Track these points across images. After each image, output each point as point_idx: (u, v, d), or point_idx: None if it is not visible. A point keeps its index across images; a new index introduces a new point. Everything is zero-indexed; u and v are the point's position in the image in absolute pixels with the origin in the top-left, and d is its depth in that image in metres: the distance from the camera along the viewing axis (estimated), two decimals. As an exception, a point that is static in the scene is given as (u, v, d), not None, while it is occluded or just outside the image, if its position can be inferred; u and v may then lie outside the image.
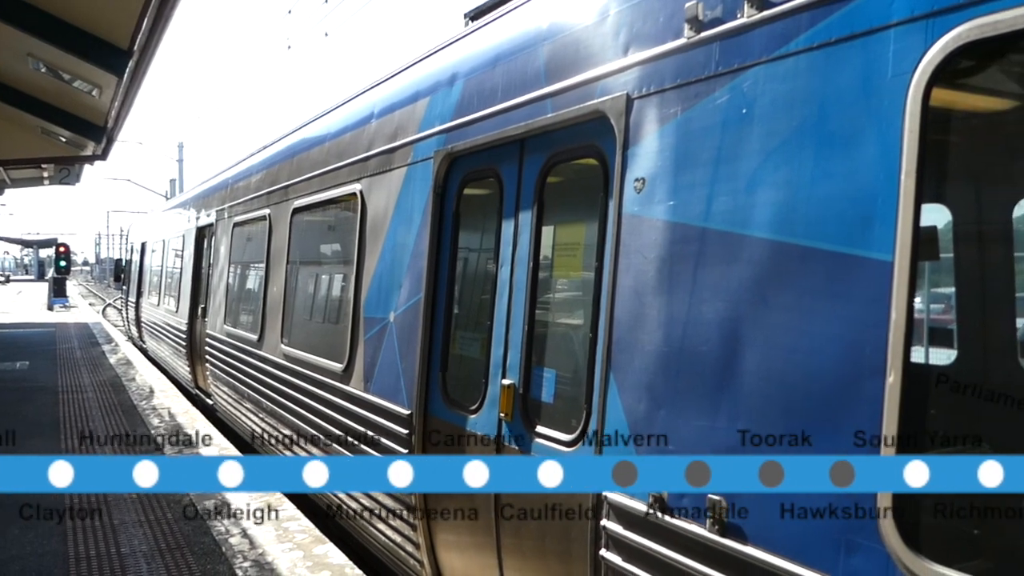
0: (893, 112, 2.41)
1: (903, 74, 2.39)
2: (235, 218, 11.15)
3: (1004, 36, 2.19)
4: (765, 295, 2.82)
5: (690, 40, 3.23)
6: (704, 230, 3.09)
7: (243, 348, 9.79)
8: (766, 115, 2.87)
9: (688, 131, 3.22)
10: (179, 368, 14.76)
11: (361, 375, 6.15)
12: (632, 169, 3.50)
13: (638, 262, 3.41)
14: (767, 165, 2.85)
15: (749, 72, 2.95)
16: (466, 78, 5.09)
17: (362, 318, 6.24)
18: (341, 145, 7.17)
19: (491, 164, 4.80)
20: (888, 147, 2.43)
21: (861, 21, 2.55)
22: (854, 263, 2.50)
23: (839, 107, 2.61)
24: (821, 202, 2.64)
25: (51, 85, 11.01)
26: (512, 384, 4.34)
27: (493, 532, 4.48)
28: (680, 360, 3.15)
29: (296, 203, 8.30)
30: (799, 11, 2.77)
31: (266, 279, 9.16)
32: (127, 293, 25.45)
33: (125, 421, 10.74)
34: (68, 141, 14.54)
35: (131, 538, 6.28)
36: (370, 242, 6.24)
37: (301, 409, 7.45)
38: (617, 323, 3.50)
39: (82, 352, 18.94)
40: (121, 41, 8.86)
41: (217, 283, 11.94)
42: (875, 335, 2.41)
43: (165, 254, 17.55)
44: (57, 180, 20.84)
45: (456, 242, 5.16)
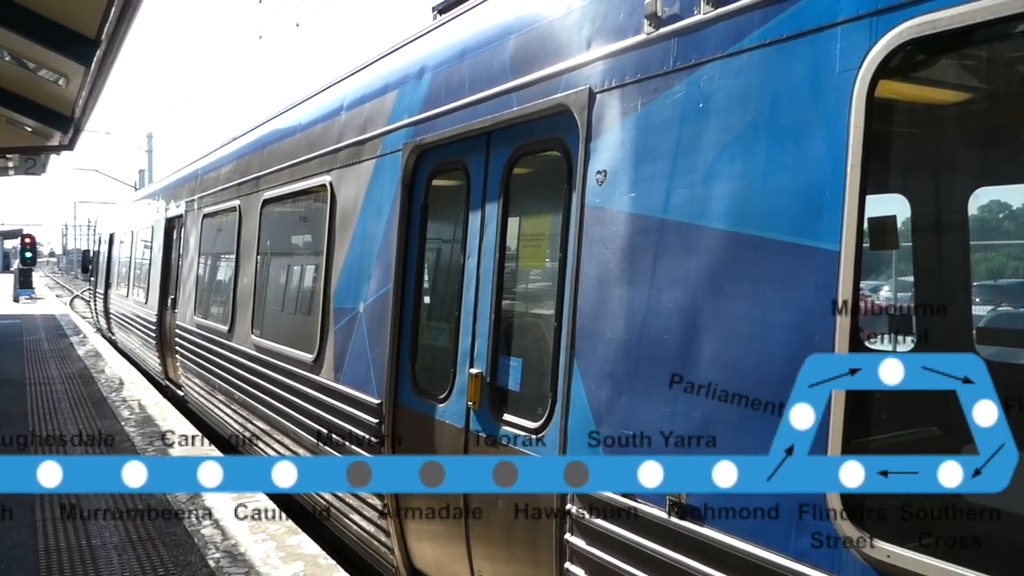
0: (840, 107, 2.51)
1: (849, 70, 2.49)
2: (205, 209, 11.10)
3: (943, 34, 2.29)
4: (721, 284, 2.92)
5: (649, 36, 3.31)
6: (663, 221, 3.18)
7: (214, 339, 9.78)
8: (721, 110, 2.96)
9: (647, 125, 3.30)
10: (149, 360, 14.69)
11: (331, 365, 6.19)
12: (594, 162, 3.58)
13: (600, 253, 3.50)
14: (723, 158, 2.94)
15: (705, 67, 3.04)
16: (434, 71, 5.13)
17: (332, 309, 6.28)
18: (311, 137, 7.19)
19: (459, 156, 4.86)
20: (835, 141, 2.52)
21: (810, 19, 2.65)
22: (804, 253, 2.60)
23: (790, 102, 2.71)
24: (773, 194, 2.74)
25: (16, 74, 10.87)
26: (480, 373, 4.42)
27: (462, 519, 4.56)
28: (640, 347, 3.24)
29: (266, 194, 8.30)
30: (752, 8, 2.86)
31: (236, 270, 9.16)
32: (95, 284, 25.21)
33: (95, 413, 10.70)
34: (34, 131, 14.34)
35: (102, 530, 6.23)
36: (340, 233, 6.28)
37: (272, 400, 7.47)
38: (580, 312, 3.58)
39: (49, 344, 18.74)
40: (88, 30, 8.70)
41: (187, 274, 11.89)
42: (823, 322, 2.52)
43: (134, 245, 17.42)
44: (23, 170, 20.43)
45: (424, 233, 5.22)
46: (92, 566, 5.57)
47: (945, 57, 2.47)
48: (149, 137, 47.44)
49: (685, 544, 2.96)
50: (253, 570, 5.48)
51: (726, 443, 2.80)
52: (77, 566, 5.58)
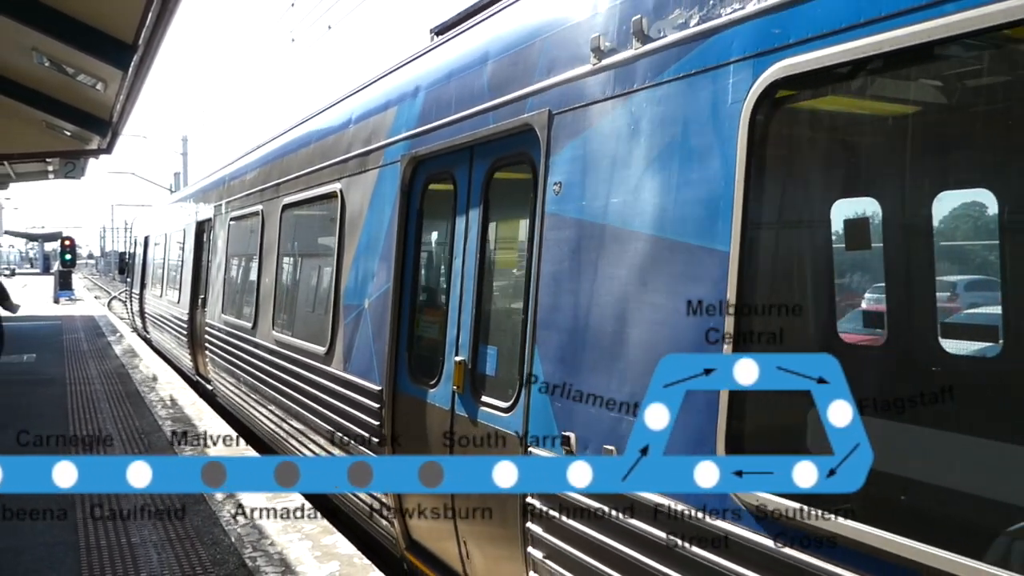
0: (731, 132, 3.02)
1: (738, 101, 3.00)
2: (231, 213, 11.78)
3: (807, 73, 2.80)
4: (645, 280, 3.44)
5: (594, 66, 3.84)
6: (603, 226, 3.71)
7: (239, 335, 10.44)
8: (647, 132, 3.48)
9: (592, 143, 3.83)
10: (181, 357, 15.43)
11: (341, 356, 6.78)
12: (553, 174, 4.12)
13: (556, 254, 4.04)
14: (647, 173, 3.46)
15: (635, 95, 3.57)
16: (427, 90, 5.70)
17: (342, 305, 6.87)
18: (324, 147, 7.79)
19: (448, 167, 5.42)
20: (728, 160, 3.04)
21: (711, 57, 3.16)
22: (704, 253, 3.12)
23: (697, 127, 3.22)
24: (684, 204, 3.26)
25: (56, 79, 10.90)
26: (463, 360, 4.97)
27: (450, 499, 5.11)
28: (584, 334, 3.78)
29: (285, 200, 8.93)
30: (669, 47, 3.38)
31: (259, 271, 9.80)
32: (131, 285, 26.15)
33: (132, 410, 11.11)
34: (73, 135, 14.47)
35: (141, 528, 6.29)
36: (348, 236, 6.87)
37: (290, 390, 8.09)
38: (540, 306, 4.12)
39: (88, 344, 19.29)
40: (126, 35, 8.80)
41: (215, 275, 12.59)
42: (719, 309, 3.03)
43: (167, 247, 18.20)
44: (62, 174, 20.88)
45: (420, 237, 5.79)
46: (132, 564, 5.63)
47: (808, 91, 2.96)
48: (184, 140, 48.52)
49: (616, 500, 3.48)
50: (289, 569, 5.52)
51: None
52: (117, 564, 5.64)
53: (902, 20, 2.44)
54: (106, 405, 11.35)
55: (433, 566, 5.55)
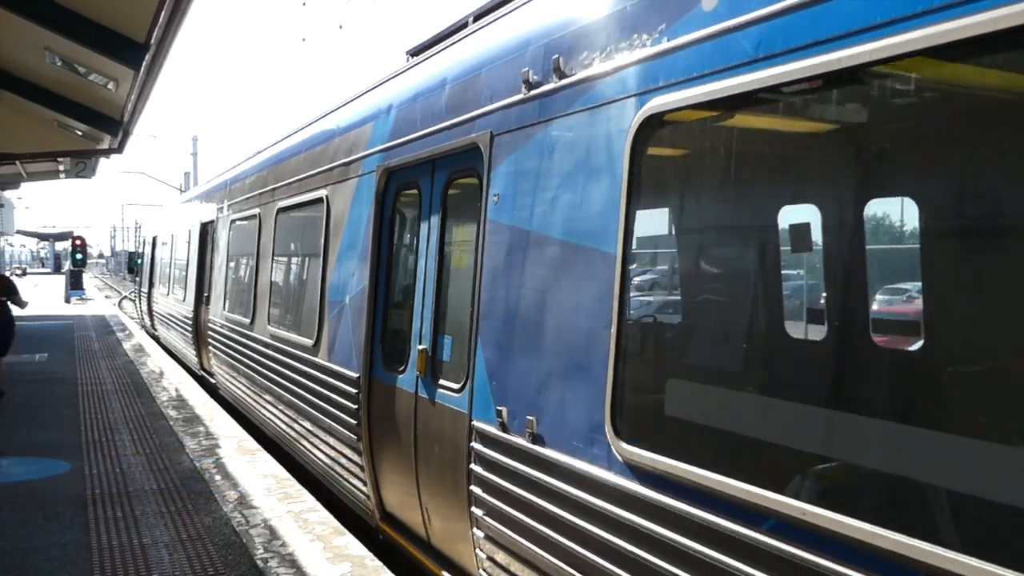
0: (619, 155, 3.69)
1: (623, 131, 3.67)
2: (232, 215, 12.51)
3: (671, 109, 3.46)
4: (559, 278, 4.11)
5: (525, 96, 4.51)
6: (528, 232, 4.39)
7: (238, 331, 11.17)
8: (561, 153, 4.15)
9: (522, 161, 4.51)
10: (187, 352, 16.18)
11: (326, 348, 7.48)
12: (493, 187, 4.79)
13: (494, 255, 4.71)
14: (560, 188, 4.13)
15: (554, 122, 4.24)
16: (398, 109, 6.38)
17: (327, 301, 7.56)
18: (314, 156, 8.49)
19: (414, 178, 6.10)
20: (616, 178, 3.70)
21: (608, 94, 3.82)
22: (599, 255, 3.78)
23: (596, 150, 3.89)
24: (585, 214, 3.92)
25: (67, 79, 11.02)
26: (425, 349, 5.65)
27: (413, 470, 5.79)
28: (513, 324, 4.45)
29: (280, 204, 9.64)
30: (577, 83, 4.04)
31: (257, 270, 10.52)
32: (139, 284, 26.96)
33: (140, 404, 11.61)
34: (84, 135, 14.65)
35: (152, 529, 6.35)
36: (333, 238, 7.56)
37: (282, 379, 8.81)
38: (482, 300, 4.80)
39: (99, 344, 19.62)
40: (138, 35, 8.87)
41: (217, 274, 13.32)
42: (608, 301, 3.70)
43: (174, 248, 18.95)
44: (73, 173, 21.10)
45: (392, 240, 6.47)
46: (144, 565, 5.64)
47: (674, 123, 3.61)
48: (194, 140, 48.67)
49: (534, 461, 4.16)
50: (300, 571, 5.53)
51: (560, 387, 4.00)
52: (129, 565, 5.65)
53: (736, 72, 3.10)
54: (117, 405, 11.67)
55: (403, 534, 6.23)
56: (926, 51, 2.40)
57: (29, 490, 7.37)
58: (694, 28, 3.32)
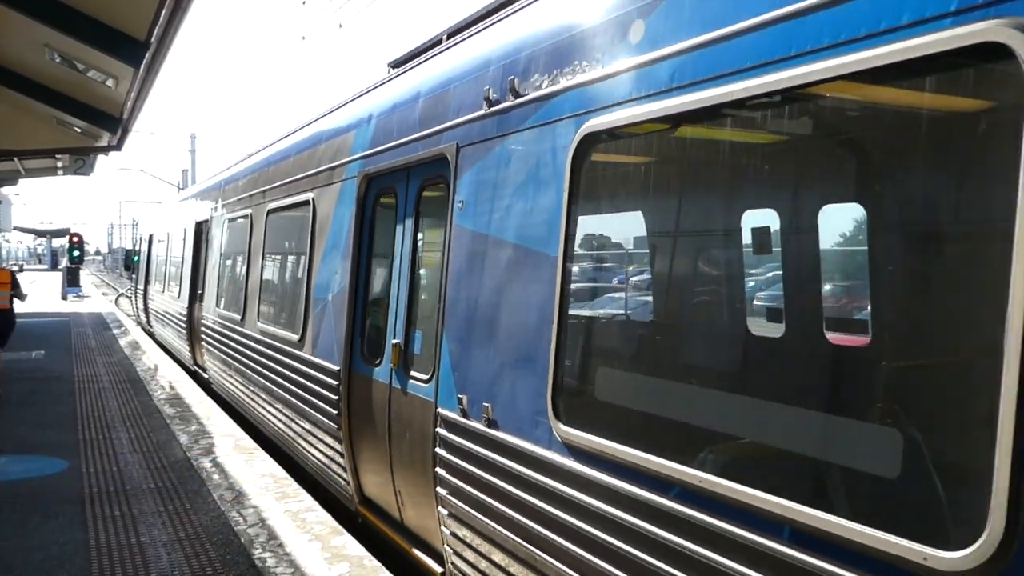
0: (561, 169, 4.14)
1: (566, 147, 4.11)
2: (226, 215, 12.95)
3: (604, 129, 3.90)
4: (512, 277, 4.56)
5: (486, 112, 4.96)
6: (487, 236, 4.83)
7: (230, 327, 11.61)
8: (515, 165, 4.60)
9: (482, 171, 4.95)
10: (181, 348, 16.61)
11: (310, 342, 7.92)
12: (458, 194, 5.23)
13: (458, 257, 5.16)
14: (514, 196, 4.58)
15: (510, 137, 4.68)
16: (378, 118, 6.83)
17: (312, 299, 8.01)
18: (302, 160, 8.94)
19: (392, 184, 6.54)
20: (559, 189, 4.15)
21: (553, 113, 4.27)
22: (544, 258, 4.23)
23: (543, 163, 4.33)
24: (534, 221, 4.37)
25: (67, 76, 10.95)
26: (398, 343, 6.10)
27: (386, 444, 6.23)
28: (472, 319, 4.90)
29: (270, 205, 10.08)
30: (530, 103, 4.49)
31: (248, 268, 10.96)
32: (136, 281, 27.38)
33: (136, 401, 11.80)
34: (83, 132, 14.53)
35: (150, 528, 6.36)
36: (318, 239, 8.01)
37: (270, 372, 9.26)
38: (447, 298, 5.24)
39: (96, 341, 19.78)
40: (138, 32, 8.87)
41: (211, 272, 13.76)
42: (551, 299, 4.14)
43: (169, 246, 19.38)
44: (71, 170, 20.76)
45: (371, 241, 6.92)
46: (142, 564, 5.65)
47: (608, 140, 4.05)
48: (193, 137, 48.65)
49: (489, 444, 4.61)
50: (299, 570, 5.54)
51: (511, 376, 4.44)
52: (127, 563, 5.65)
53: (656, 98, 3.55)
54: (113, 402, 11.76)
55: (380, 517, 6.67)
56: (771, 93, 2.99)
57: (27, 488, 7.46)
58: (622, 58, 3.77)
